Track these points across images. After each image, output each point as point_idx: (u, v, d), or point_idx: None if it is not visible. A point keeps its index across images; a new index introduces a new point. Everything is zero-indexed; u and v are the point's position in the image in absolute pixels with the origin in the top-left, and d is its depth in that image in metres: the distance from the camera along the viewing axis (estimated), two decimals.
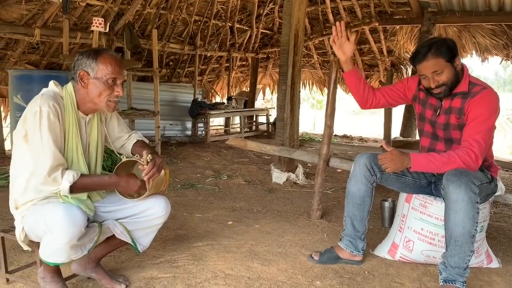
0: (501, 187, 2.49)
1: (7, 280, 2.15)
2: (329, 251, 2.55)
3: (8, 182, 2.00)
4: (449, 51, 2.21)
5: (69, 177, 1.82)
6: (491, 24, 6.61)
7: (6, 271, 2.16)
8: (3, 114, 6.22)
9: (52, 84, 1.96)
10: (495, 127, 2.25)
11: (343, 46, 2.41)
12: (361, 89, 2.53)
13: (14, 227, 1.99)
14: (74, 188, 1.84)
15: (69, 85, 1.96)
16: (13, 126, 5.31)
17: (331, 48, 9.60)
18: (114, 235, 2.04)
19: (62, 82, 1.99)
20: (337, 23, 2.42)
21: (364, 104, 2.60)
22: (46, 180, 1.80)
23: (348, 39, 2.41)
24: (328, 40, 8.98)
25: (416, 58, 2.26)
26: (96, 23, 5.01)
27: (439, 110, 2.36)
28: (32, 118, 1.80)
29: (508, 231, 3.30)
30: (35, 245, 1.96)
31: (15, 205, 1.93)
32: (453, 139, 2.34)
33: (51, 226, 1.74)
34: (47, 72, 6.10)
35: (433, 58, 2.20)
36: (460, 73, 2.26)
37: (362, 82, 2.54)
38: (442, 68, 2.20)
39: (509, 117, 16.04)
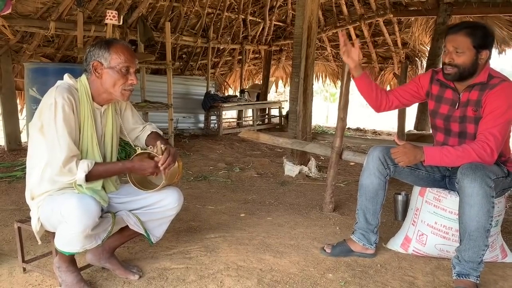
0: None
1: (24, 269, 2.20)
2: (341, 244, 2.54)
3: (25, 174, 2.04)
4: (482, 39, 2.16)
5: (84, 166, 1.85)
6: (509, 15, 6.47)
7: (23, 261, 2.20)
8: (19, 107, 6.31)
9: (66, 77, 1.98)
10: None
11: (350, 53, 2.40)
12: (374, 93, 2.50)
13: (30, 218, 2.03)
14: (89, 177, 1.87)
15: (83, 77, 1.98)
16: (29, 118, 5.39)
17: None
18: (127, 226, 2.06)
19: (77, 75, 2.02)
20: (340, 32, 2.48)
21: (378, 107, 2.57)
22: (62, 171, 1.83)
23: (353, 44, 2.41)
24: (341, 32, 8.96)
25: (450, 29, 2.23)
26: (110, 16, 5.03)
27: (457, 103, 2.32)
28: (48, 110, 1.83)
29: None
30: (50, 235, 2.00)
31: (31, 196, 1.97)
32: (467, 133, 2.30)
33: (66, 215, 1.76)
34: (62, 65, 6.16)
35: (463, 36, 2.15)
36: (480, 67, 2.21)
37: (374, 86, 2.51)
38: (465, 49, 2.15)
39: None
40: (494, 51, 7.23)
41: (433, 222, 2.46)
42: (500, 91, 2.15)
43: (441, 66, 2.34)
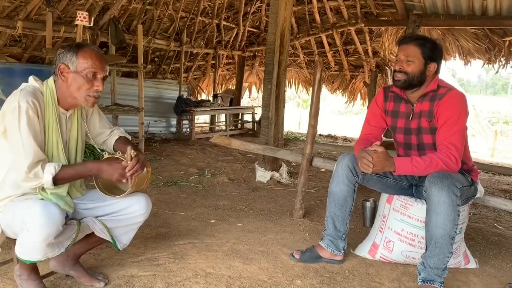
0: (480, 190, 2.53)
1: None
2: (310, 250, 2.56)
3: None
4: (431, 52, 2.29)
5: (50, 169, 1.80)
6: (474, 28, 6.70)
7: None
8: None
9: (31, 79, 1.93)
10: (466, 128, 2.29)
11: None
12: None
13: None
14: (57, 179, 1.82)
15: (50, 80, 1.93)
16: None
17: (317, 48, 9.59)
18: (93, 232, 2.01)
19: (44, 77, 1.97)
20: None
21: None
22: (27, 177, 1.78)
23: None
24: (314, 40, 9.06)
25: (403, 40, 2.37)
26: (80, 17, 4.93)
27: (411, 115, 2.40)
28: (11, 114, 1.77)
29: (486, 232, 3.36)
30: (12, 241, 1.93)
31: None
32: (424, 145, 2.38)
33: (27, 223, 1.71)
34: (29, 65, 6.00)
35: (413, 46, 2.29)
36: (428, 78, 2.32)
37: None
38: (415, 59, 2.28)
39: (490, 120, 16.33)
40: (460, 62, 7.47)
41: (400, 229, 2.50)
42: (449, 100, 2.25)
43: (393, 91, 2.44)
